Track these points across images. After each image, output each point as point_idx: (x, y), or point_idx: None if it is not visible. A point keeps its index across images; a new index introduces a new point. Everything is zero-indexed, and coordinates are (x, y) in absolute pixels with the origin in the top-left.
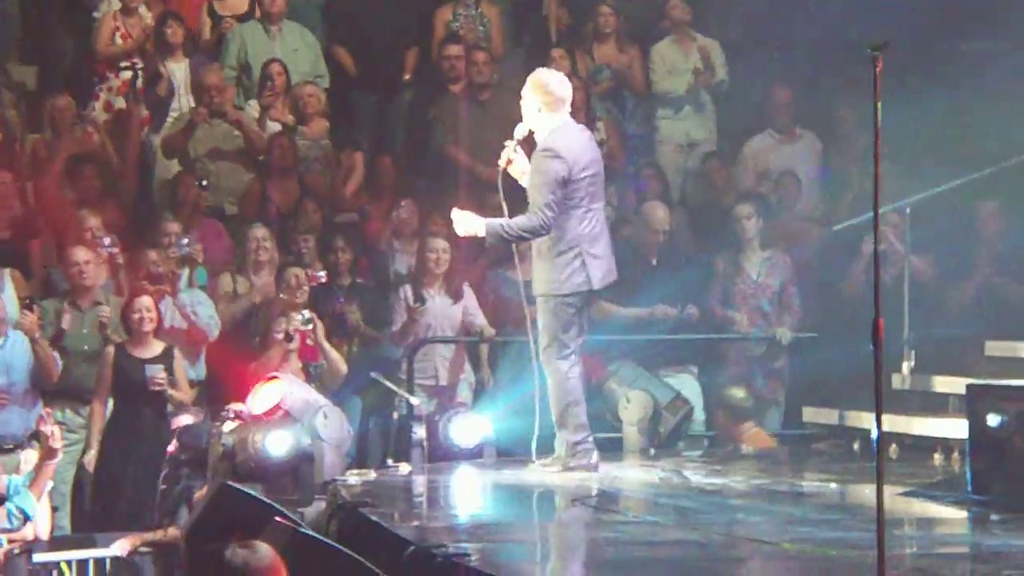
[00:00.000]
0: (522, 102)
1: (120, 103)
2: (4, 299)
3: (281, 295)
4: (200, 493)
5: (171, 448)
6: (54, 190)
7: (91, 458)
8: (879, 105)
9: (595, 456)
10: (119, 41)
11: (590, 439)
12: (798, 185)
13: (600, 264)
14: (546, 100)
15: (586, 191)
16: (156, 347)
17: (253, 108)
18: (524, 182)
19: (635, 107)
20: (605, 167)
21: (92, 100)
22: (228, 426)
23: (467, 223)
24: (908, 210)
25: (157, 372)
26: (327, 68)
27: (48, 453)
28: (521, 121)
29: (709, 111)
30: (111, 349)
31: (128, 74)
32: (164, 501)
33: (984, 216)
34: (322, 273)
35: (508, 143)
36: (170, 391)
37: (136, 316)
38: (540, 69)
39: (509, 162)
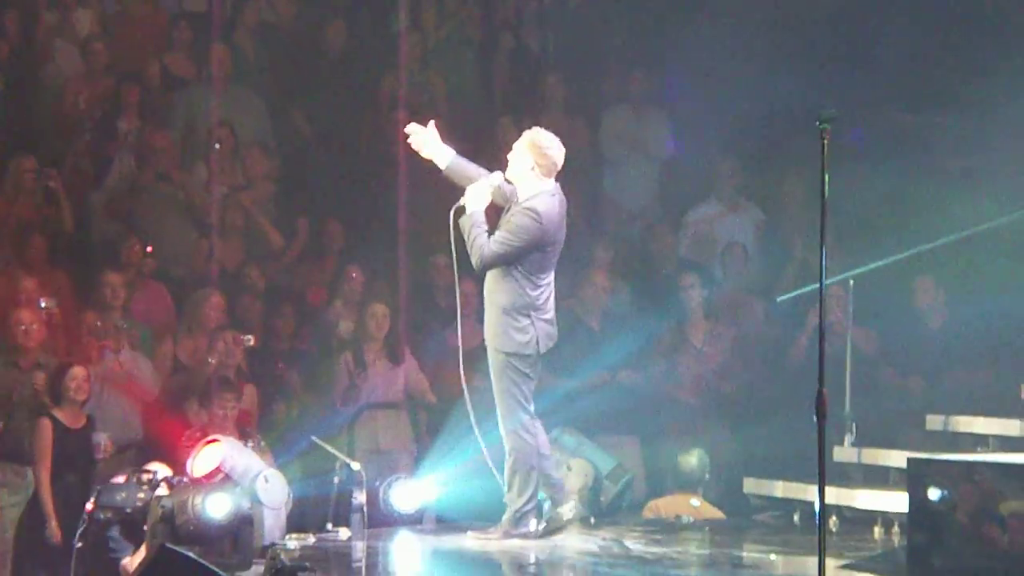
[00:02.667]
0: (513, 156)
1: (84, 164)
2: None
3: (210, 359)
4: (129, 558)
5: (89, 506)
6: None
7: (53, 529)
8: (826, 176)
9: (535, 523)
10: (81, 105)
11: (536, 505)
12: (745, 256)
13: (546, 329)
14: (541, 163)
15: (548, 261)
16: (82, 417)
17: (200, 170)
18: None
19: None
20: None
21: (61, 163)
22: (161, 490)
23: (476, 194)
24: (851, 283)
25: (103, 439)
26: (273, 131)
27: None
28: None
29: (653, 179)
30: (47, 421)
31: (89, 136)
32: (84, 562)
33: (921, 291)
34: (249, 337)
35: (482, 183)
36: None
37: (73, 385)
38: (538, 129)
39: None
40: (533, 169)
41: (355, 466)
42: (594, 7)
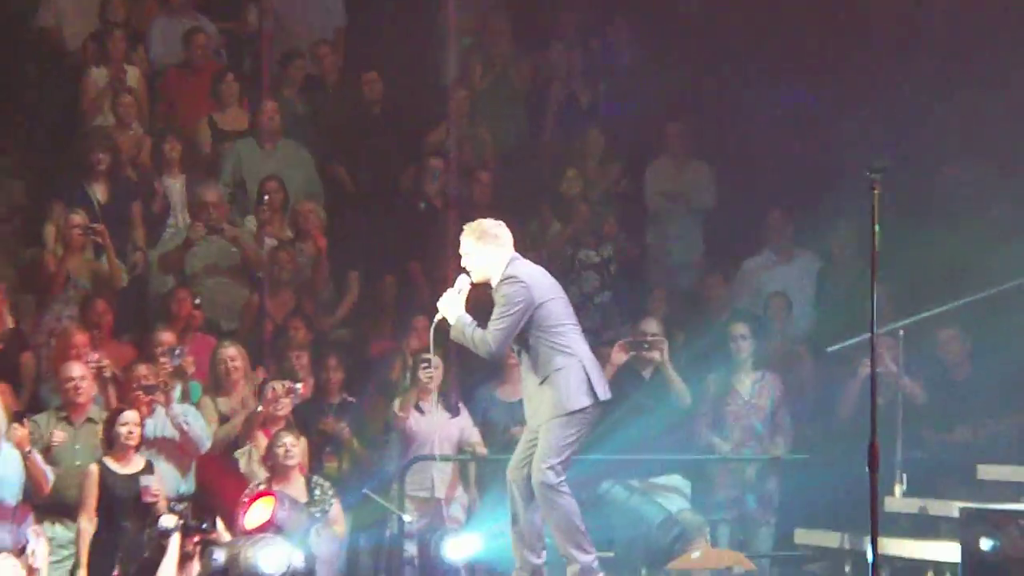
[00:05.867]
0: (470, 258)
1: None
2: None
3: (259, 408)
4: None
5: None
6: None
7: None
8: (877, 227)
9: None
10: (121, 159)
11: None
12: (788, 306)
13: (600, 378)
14: (497, 243)
15: (559, 311)
16: (139, 462)
17: (250, 224)
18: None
19: (628, 226)
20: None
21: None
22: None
23: (450, 304)
24: (902, 333)
25: (152, 483)
26: (322, 185)
27: (30, 573)
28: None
29: (699, 231)
30: (95, 467)
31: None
32: None
33: (945, 341)
34: (299, 385)
35: (450, 292)
36: (161, 503)
37: (124, 430)
38: (470, 224)
39: (443, 319)
40: (493, 254)
41: (407, 518)
42: (646, 60)
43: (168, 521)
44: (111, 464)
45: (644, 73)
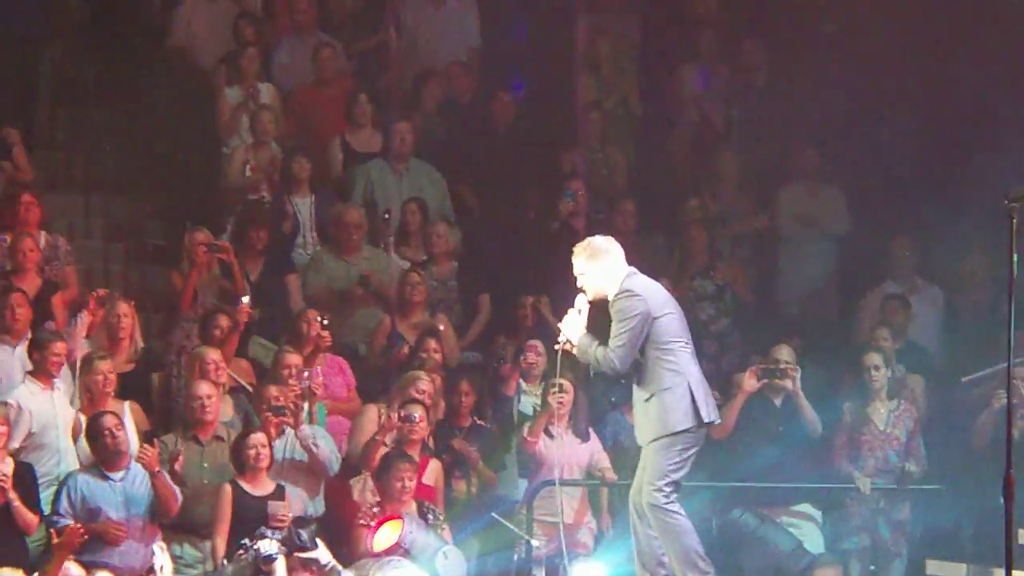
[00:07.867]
0: (585, 277)
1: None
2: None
3: (377, 436)
4: None
5: None
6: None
7: None
8: (1015, 257)
9: None
10: (248, 174)
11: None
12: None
13: (706, 399)
14: (611, 259)
15: (673, 327)
16: (269, 484)
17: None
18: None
19: (757, 249)
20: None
21: (221, 233)
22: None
23: (571, 326)
24: None
25: (279, 509)
26: (453, 207)
27: None
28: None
29: (831, 258)
30: (228, 486)
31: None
32: None
33: None
34: (416, 414)
35: (570, 314)
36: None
37: (252, 452)
38: (580, 244)
39: (569, 344)
40: (607, 269)
41: (535, 543)
42: (779, 84)
43: (269, 547)
44: (244, 485)
45: (778, 97)
